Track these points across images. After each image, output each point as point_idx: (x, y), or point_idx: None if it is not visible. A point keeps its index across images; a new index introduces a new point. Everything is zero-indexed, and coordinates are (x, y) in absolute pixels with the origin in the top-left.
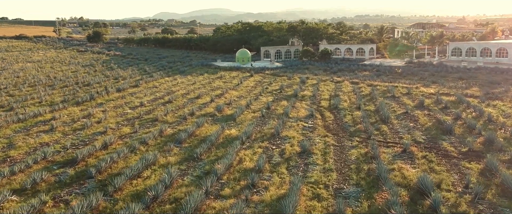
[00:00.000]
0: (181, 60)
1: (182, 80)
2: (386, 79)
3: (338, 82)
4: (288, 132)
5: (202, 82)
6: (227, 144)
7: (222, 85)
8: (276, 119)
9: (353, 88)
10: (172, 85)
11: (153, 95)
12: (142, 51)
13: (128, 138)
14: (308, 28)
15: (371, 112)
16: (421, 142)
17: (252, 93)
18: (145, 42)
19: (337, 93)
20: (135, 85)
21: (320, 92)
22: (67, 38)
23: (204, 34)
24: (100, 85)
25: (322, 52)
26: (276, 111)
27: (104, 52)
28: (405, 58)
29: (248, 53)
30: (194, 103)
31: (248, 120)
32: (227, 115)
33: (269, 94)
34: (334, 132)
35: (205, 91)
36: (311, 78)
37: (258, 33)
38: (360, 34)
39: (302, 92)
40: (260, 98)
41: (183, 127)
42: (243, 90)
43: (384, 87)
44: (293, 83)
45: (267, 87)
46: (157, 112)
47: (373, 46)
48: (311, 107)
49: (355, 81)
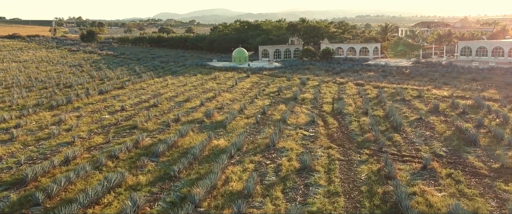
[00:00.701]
0: (175, 60)
1: (172, 82)
2: (393, 80)
3: (341, 84)
4: (286, 142)
5: (194, 83)
6: (213, 157)
7: (215, 87)
8: (272, 126)
9: (358, 91)
10: (160, 87)
11: (138, 98)
12: (136, 51)
13: (98, 150)
14: (309, 26)
15: (380, 117)
16: (443, 156)
17: (247, 96)
18: (140, 42)
19: (340, 96)
20: (120, 87)
21: (322, 95)
22: (62, 38)
23: (201, 34)
24: (83, 86)
25: (324, 52)
26: (272, 117)
27: (96, 52)
28: (411, 58)
29: (245, 53)
30: (181, 108)
31: (240, 127)
32: (217, 121)
33: (266, 97)
34: (339, 142)
35: (195, 94)
36: (312, 80)
37: (257, 32)
38: (363, 33)
39: (302, 95)
40: (255, 101)
41: (164, 136)
42: (238, 92)
43: (392, 89)
44: (292, 84)
45: (264, 89)
46: (138, 117)
47: (378, 46)
48: (312, 111)
49: (360, 83)
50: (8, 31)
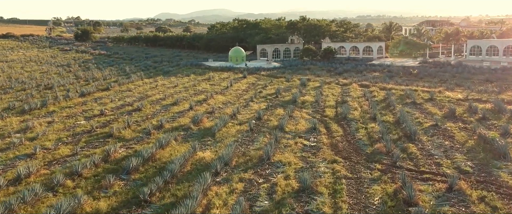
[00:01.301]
0: (169, 59)
1: (163, 83)
2: (401, 81)
3: (344, 85)
4: (283, 154)
5: (185, 84)
6: (195, 174)
7: (208, 89)
8: (267, 134)
9: (363, 93)
10: (149, 88)
11: (122, 101)
12: (131, 51)
13: (60, 165)
14: (310, 25)
15: (391, 124)
16: (469, 172)
17: (242, 99)
18: (136, 41)
19: (344, 99)
20: (105, 89)
21: (324, 97)
22: (57, 38)
23: (199, 33)
24: (64, 88)
25: (325, 51)
26: (268, 123)
27: (88, 51)
28: (417, 58)
29: (243, 52)
30: (167, 112)
31: (231, 135)
32: (205, 128)
33: (262, 100)
34: (345, 154)
35: (185, 96)
36: (313, 80)
37: (255, 31)
38: (365, 32)
39: (302, 98)
40: (250, 105)
41: (142, 147)
42: (232, 94)
43: (401, 91)
44: (292, 86)
45: (260, 91)
46: (117, 123)
47: (382, 45)
48: (313, 117)
49: (365, 84)
50: (3, 31)
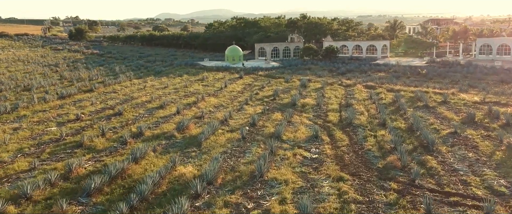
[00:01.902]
0: (163, 59)
1: (152, 83)
2: (409, 82)
3: (348, 87)
4: (279, 170)
5: (176, 86)
6: (171, 196)
7: (200, 90)
8: (262, 143)
9: (369, 95)
10: (136, 90)
11: (103, 104)
12: (125, 50)
13: (10, 184)
14: (310, 23)
15: (403, 131)
16: (505, 194)
17: (236, 102)
18: (132, 40)
19: (349, 101)
20: (89, 90)
21: (327, 100)
22: (51, 37)
23: (196, 32)
24: (44, 89)
25: (327, 50)
26: (264, 130)
27: (81, 51)
28: (424, 57)
29: (240, 51)
30: (151, 117)
31: (220, 145)
32: (191, 137)
33: (258, 103)
34: (352, 169)
35: (174, 99)
36: (314, 81)
37: (254, 30)
38: (368, 30)
39: (302, 100)
40: (245, 109)
41: (113, 159)
42: (226, 97)
43: (410, 93)
44: (291, 87)
45: (257, 93)
46: (91, 131)
47: (386, 43)
48: (314, 122)
49: (371, 85)
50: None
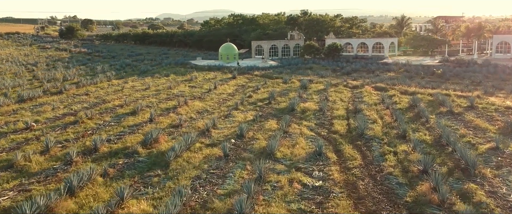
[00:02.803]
0: (154, 58)
1: (133, 84)
2: (424, 83)
3: (355, 88)
4: (268, 206)
5: (159, 87)
6: None
7: (186, 92)
8: (249, 164)
9: (381, 98)
10: (112, 92)
11: (67, 109)
12: (116, 49)
13: None
14: (312, 19)
15: (429, 145)
16: None
17: (225, 106)
18: (124, 39)
19: (358, 106)
20: (57, 92)
21: (331, 104)
22: (43, 35)
23: (191, 30)
24: (4, 91)
25: (330, 48)
26: (253, 144)
27: (69, 49)
28: (435, 56)
29: (234, 49)
30: (117, 126)
31: (193, 167)
32: (159, 153)
33: (251, 108)
34: (370, 204)
35: (151, 103)
36: (316, 82)
37: (252, 27)
38: (373, 28)
39: (302, 105)
40: (233, 115)
41: (44, 188)
42: (213, 100)
43: (429, 96)
44: (290, 89)
45: (250, 95)
46: (34, 145)
47: (394, 41)
48: (317, 133)
49: (381, 87)
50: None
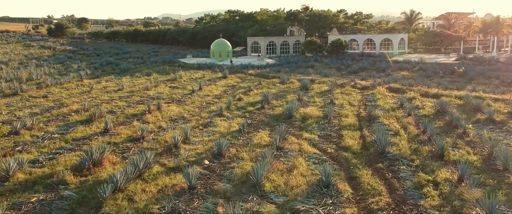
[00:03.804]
0: (141, 56)
1: (106, 84)
2: (446, 83)
3: (365, 89)
4: None
5: (136, 87)
6: None
7: (165, 94)
8: (222, 205)
9: (399, 101)
10: (77, 93)
11: (10, 115)
12: (105, 47)
13: None
14: (313, 15)
15: (479, 170)
16: None
17: (206, 112)
18: (116, 37)
19: (371, 112)
20: (12, 93)
21: (338, 109)
22: (33, 34)
23: (184, 27)
24: None
25: (334, 44)
26: (235, 167)
27: (54, 47)
28: (450, 53)
29: (228, 46)
30: (60, 139)
31: (135, 210)
32: (95, 183)
33: (239, 114)
34: None
35: (118, 107)
36: (319, 82)
37: (249, 23)
38: (379, 24)
39: (302, 110)
40: (215, 123)
41: None
42: (195, 104)
43: (456, 99)
44: (288, 90)
45: (240, 98)
46: None
47: (404, 37)
48: (322, 149)
49: (396, 87)
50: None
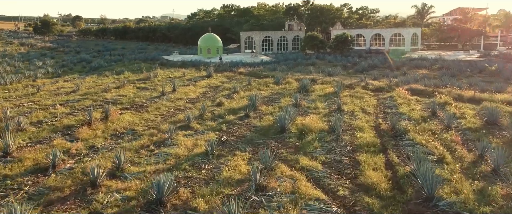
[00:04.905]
0: (124, 53)
1: (63, 85)
2: (482, 84)
3: (380, 91)
4: None
5: (95, 88)
6: None
7: (127, 97)
8: None
9: (429, 108)
10: (17, 96)
11: None
12: (90, 44)
13: None
14: (315, 9)
15: None
16: None
17: (169, 122)
18: (104, 34)
19: (395, 123)
20: None
21: (348, 118)
22: (21, 31)
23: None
24: None
25: (338, 40)
26: None
27: (33, 44)
28: (469, 50)
29: (217, 41)
30: None
31: None
32: None
33: (213, 126)
34: None
35: (54, 114)
36: (322, 82)
37: (245, 19)
38: (386, 19)
39: (300, 120)
40: (175, 141)
41: None
42: (160, 110)
43: (505, 104)
44: (283, 92)
45: (220, 102)
46: None
47: (417, 31)
48: (329, 191)
49: (418, 89)
50: None
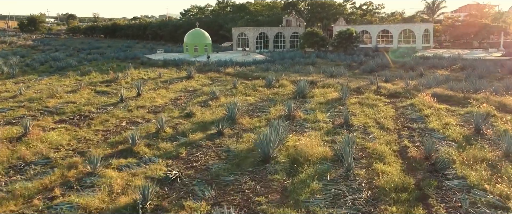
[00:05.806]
0: (106, 51)
1: (8, 88)
2: None
3: (396, 97)
4: None
5: (46, 92)
6: None
7: (76, 104)
8: None
9: (468, 122)
10: None
11: None
12: (75, 42)
13: None
14: (315, 4)
15: None
16: None
17: (106, 144)
18: (94, 32)
19: (429, 144)
20: None
21: (361, 138)
22: (10, 30)
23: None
24: None
25: (341, 36)
26: None
27: (12, 42)
28: (488, 48)
29: (205, 38)
30: None
31: None
32: None
33: (167, 151)
34: None
35: None
36: (323, 85)
37: (241, 15)
38: (392, 16)
39: (292, 140)
40: (97, 180)
41: None
42: (107, 123)
43: None
44: (274, 98)
45: (190, 113)
46: None
47: (429, 27)
48: None
49: (445, 94)
50: None
